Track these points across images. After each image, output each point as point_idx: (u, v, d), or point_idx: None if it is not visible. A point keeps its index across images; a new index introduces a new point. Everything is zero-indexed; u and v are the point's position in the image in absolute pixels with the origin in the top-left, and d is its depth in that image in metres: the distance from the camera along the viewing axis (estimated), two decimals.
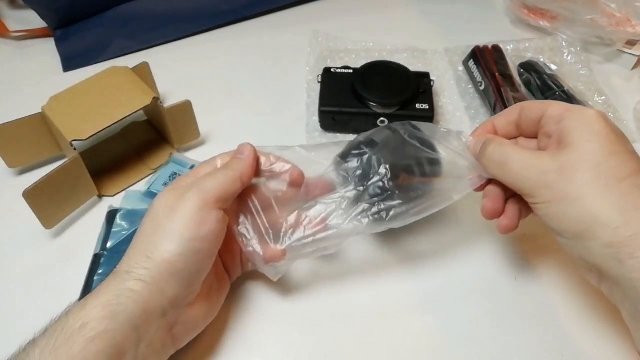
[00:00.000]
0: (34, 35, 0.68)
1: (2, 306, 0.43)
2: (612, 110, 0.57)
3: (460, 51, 0.64)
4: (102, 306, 0.31)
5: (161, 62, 0.59)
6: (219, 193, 0.36)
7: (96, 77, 0.52)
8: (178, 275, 0.34)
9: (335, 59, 0.64)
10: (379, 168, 0.39)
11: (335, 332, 0.41)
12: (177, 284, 0.34)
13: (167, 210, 0.35)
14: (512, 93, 0.54)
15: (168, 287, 0.34)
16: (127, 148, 0.55)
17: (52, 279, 0.45)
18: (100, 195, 0.51)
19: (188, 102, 0.51)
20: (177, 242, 0.34)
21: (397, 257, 0.46)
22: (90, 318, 0.31)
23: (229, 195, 0.37)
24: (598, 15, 0.60)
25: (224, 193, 0.36)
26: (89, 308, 0.32)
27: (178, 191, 0.36)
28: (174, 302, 0.34)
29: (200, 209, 0.35)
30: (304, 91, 0.60)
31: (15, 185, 0.47)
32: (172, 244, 0.34)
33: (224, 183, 0.36)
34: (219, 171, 0.38)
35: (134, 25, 0.67)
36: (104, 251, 0.45)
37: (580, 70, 0.61)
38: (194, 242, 0.34)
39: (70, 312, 0.32)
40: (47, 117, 0.49)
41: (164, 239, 0.34)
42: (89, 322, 0.31)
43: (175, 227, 0.34)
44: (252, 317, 0.42)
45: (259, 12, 0.70)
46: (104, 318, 0.31)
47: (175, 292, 0.34)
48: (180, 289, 0.34)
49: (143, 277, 0.33)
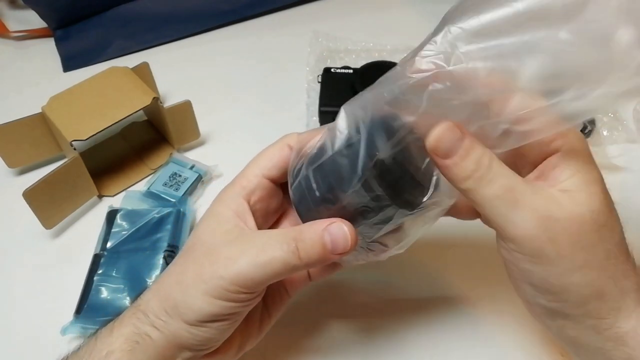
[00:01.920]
0: (34, 35, 0.68)
1: (2, 306, 0.43)
2: (612, 110, 0.57)
3: None
4: (125, 338, 0.30)
5: (161, 62, 0.59)
6: (256, 284, 0.29)
7: (96, 77, 0.52)
8: (190, 346, 0.31)
9: (335, 59, 0.64)
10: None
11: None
12: (195, 345, 0.31)
13: (205, 256, 0.30)
14: None
15: (186, 342, 0.31)
16: (127, 148, 0.55)
17: (52, 279, 0.45)
18: (100, 195, 0.51)
19: (188, 102, 0.51)
20: (193, 317, 0.29)
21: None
22: (115, 347, 0.30)
23: (272, 282, 0.30)
24: None
25: (265, 282, 0.30)
26: (115, 336, 0.31)
27: (232, 225, 0.31)
28: (195, 351, 0.31)
29: (222, 296, 0.29)
30: (304, 91, 0.60)
31: (15, 185, 0.47)
32: (186, 320, 0.30)
33: (269, 272, 0.29)
34: (272, 247, 0.29)
35: (134, 25, 0.67)
36: (104, 251, 0.45)
37: None
38: (213, 320, 0.30)
39: (99, 336, 0.31)
40: (47, 117, 0.49)
41: (183, 305, 0.30)
42: (113, 351, 0.30)
43: (198, 295, 0.29)
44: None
45: (259, 12, 0.70)
46: (126, 352, 0.30)
47: (194, 346, 0.31)
48: (200, 347, 0.31)
49: (160, 327, 0.30)
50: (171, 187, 0.50)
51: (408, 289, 0.44)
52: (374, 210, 0.29)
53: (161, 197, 0.49)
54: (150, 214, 0.47)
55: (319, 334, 0.41)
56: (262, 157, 0.34)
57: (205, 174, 0.51)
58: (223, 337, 0.32)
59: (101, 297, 0.42)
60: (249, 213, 0.33)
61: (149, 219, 0.46)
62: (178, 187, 0.50)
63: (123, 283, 0.43)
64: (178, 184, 0.50)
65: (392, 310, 0.42)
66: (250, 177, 0.33)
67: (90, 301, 0.42)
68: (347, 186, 0.28)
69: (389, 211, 0.29)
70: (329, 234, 0.29)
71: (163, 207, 0.47)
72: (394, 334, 0.41)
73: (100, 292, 0.42)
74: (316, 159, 0.30)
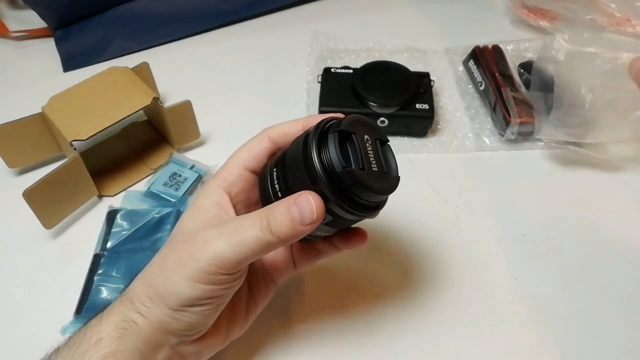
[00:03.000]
0: (34, 35, 0.68)
1: (3, 306, 0.43)
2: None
3: (460, 51, 0.64)
4: (114, 325, 0.31)
5: (161, 62, 0.59)
6: (234, 264, 0.30)
7: (96, 77, 0.52)
8: (175, 331, 0.32)
9: (335, 59, 0.64)
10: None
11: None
12: (180, 331, 0.32)
13: (185, 242, 0.31)
14: (512, 93, 0.54)
15: (170, 327, 0.31)
16: (127, 148, 0.55)
17: (52, 279, 0.45)
18: (100, 195, 0.51)
19: (188, 102, 0.51)
20: (175, 302, 0.30)
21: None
22: (104, 334, 0.31)
23: (250, 262, 0.31)
24: (598, 15, 0.60)
25: (243, 261, 0.30)
26: (104, 324, 0.31)
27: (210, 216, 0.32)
28: (181, 337, 0.32)
29: (201, 279, 0.30)
30: (304, 91, 0.60)
31: (15, 185, 0.47)
32: (168, 305, 0.30)
33: (245, 251, 0.29)
34: (244, 225, 0.30)
35: (133, 25, 0.67)
36: (104, 251, 0.45)
37: None
38: (194, 304, 0.30)
39: (89, 325, 0.32)
40: (47, 117, 0.49)
41: (165, 290, 0.30)
42: (102, 338, 0.31)
43: (179, 280, 0.30)
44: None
45: (259, 12, 0.70)
46: (115, 338, 0.31)
47: (179, 331, 0.32)
48: (185, 332, 0.32)
49: (144, 313, 0.31)
50: (171, 187, 0.50)
51: (387, 280, 0.44)
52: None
53: (161, 197, 0.49)
54: (150, 214, 0.47)
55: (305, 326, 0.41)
56: (243, 150, 0.35)
57: (205, 174, 0.51)
58: (207, 322, 0.32)
59: (101, 297, 0.42)
60: (229, 204, 0.33)
61: (149, 219, 0.46)
62: (178, 187, 0.50)
63: (123, 283, 0.43)
64: (178, 184, 0.50)
65: (373, 300, 0.43)
66: (231, 169, 0.34)
67: (90, 301, 0.42)
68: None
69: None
70: (296, 205, 0.29)
71: (163, 207, 0.47)
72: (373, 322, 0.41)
73: (100, 292, 0.43)
74: (279, 161, 0.32)
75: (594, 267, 0.45)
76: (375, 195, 0.30)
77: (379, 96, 0.53)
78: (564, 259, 0.46)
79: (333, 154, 0.29)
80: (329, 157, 0.29)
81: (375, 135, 0.32)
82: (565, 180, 0.52)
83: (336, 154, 0.29)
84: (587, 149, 0.51)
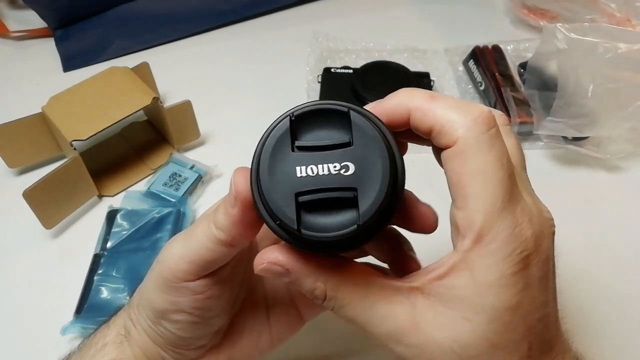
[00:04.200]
0: (34, 35, 0.68)
1: (3, 306, 0.43)
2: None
3: (460, 51, 0.64)
4: (116, 332, 0.31)
5: (161, 62, 0.59)
6: (190, 265, 0.27)
7: (96, 77, 0.52)
8: (161, 343, 0.30)
9: (335, 59, 0.64)
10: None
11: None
12: (164, 343, 0.30)
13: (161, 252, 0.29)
14: (512, 93, 0.54)
15: (156, 340, 0.30)
16: (127, 148, 0.55)
17: (52, 279, 0.45)
18: (100, 195, 0.51)
19: (188, 102, 0.51)
20: (151, 313, 0.29)
21: None
22: (109, 340, 0.31)
23: (209, 264, 0.27)
24: (598, 15, 0.60)
25: (199, 263, 0.27)
26: (111, 328, 0.31)
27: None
28: (170, 351, 0.30)
29: (164, 287, 0.28)
30: (304, 91, 0.60)
31: (15, 185, 0.47)
32: (147, 315, 0.29)
33: (197, 250, 0.27)
34: (198, 226, 0.28)
35: (133, 25, 0.67)
36: (104, 251, 0.45)
37: None
38: (169, 316, 0.29)
39: (99, 329, 0.32)
40: (47, 117, 0.49)
41: (143, 298, 0.30)
42: (107, 343, 0.31)
43: (151, 291, 0.29)
44: None
45: (259, 12, 0.70)
46: (117, 344, 0.31)
47: (164, 343, 0.30)
48: (171, 345, 0.30)
49: (135, 323, 0.30)
50: (171, 187, 0.50)
51: None
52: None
53: (161, 197, 0.49)
54: (150, 214, 0.47)
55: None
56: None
57: (205, 173, 0.51)
58: (188, 335, 0.29)
59: (101, 297, 0.42)
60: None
61: (149, 219, 0.46)
62: (178, 187, 0.50)
63: (123, 283, 0.43)
64: (178, 184, 0.50)
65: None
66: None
67: (91, 301, 0.42)
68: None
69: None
70: (233, 184, 0.25)
71: (163, 207, 0.47)
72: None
73: (101, 292, 0.43)
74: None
75: (593, 266, 0.45)
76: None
77: (379, 96, 0.52)
78: (564, 258, 0.46)
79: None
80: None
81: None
82: (565, 180, 0.52)
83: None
84: (586, 148, 0.51)
